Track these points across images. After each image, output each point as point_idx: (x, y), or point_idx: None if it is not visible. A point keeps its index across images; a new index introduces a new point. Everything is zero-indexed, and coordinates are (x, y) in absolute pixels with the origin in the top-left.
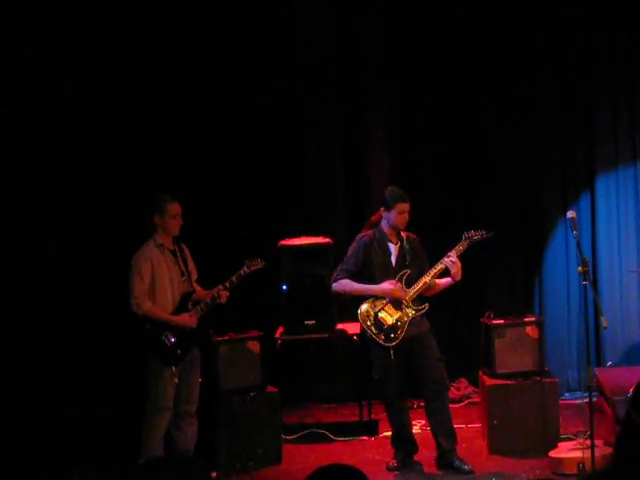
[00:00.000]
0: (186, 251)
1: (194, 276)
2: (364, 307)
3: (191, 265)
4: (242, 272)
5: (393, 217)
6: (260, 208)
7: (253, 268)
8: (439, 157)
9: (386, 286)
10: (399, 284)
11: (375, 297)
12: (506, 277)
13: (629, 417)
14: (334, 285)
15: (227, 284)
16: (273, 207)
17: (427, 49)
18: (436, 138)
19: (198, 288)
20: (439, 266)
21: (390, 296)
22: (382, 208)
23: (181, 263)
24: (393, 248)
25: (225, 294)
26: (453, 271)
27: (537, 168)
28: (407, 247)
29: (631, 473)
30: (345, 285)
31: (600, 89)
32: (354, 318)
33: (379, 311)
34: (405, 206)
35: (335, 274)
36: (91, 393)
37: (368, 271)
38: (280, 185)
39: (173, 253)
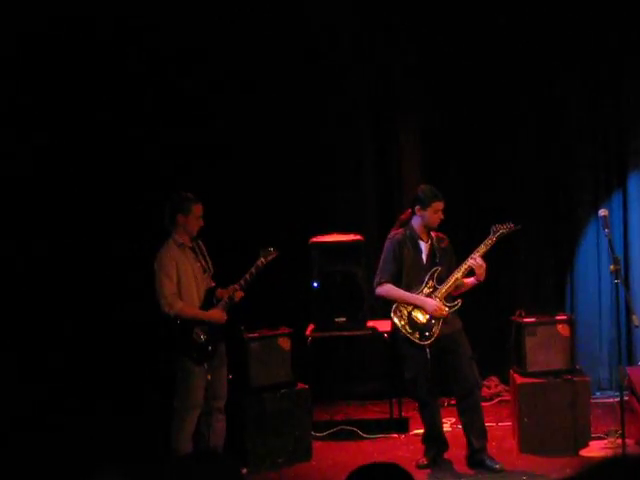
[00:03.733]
0: (203, 248)
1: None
2: (397, 306)
3: (209, 261)
4: (259, 263)
5: (428, 215)
6: (291, 205)
7: (270, 258)
8: (469, 155)
9: (431, 302)
10: (442, 307)
11: None
12: (537, 275)
13: None
14: (378, 289)
15: (242, 282)
16: (304, 204)
17: (457, 48)
18: (467, 137)
19: None
20: (467, 264)
21: (430, 313)
22: (417, 206)
23: (202, 259)
24: (424, 246)
25: (239, 294)
26: (478, 272)
27: (568, 166)
28: (437, 246)
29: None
30: (389, 290)
31: (632, 86)
32: (385, 316)
33: (412, 310)
34: (440, 205)
35: (378, 277)
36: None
37: (401, 269)
38: (311, 182)
39: (193, 250)
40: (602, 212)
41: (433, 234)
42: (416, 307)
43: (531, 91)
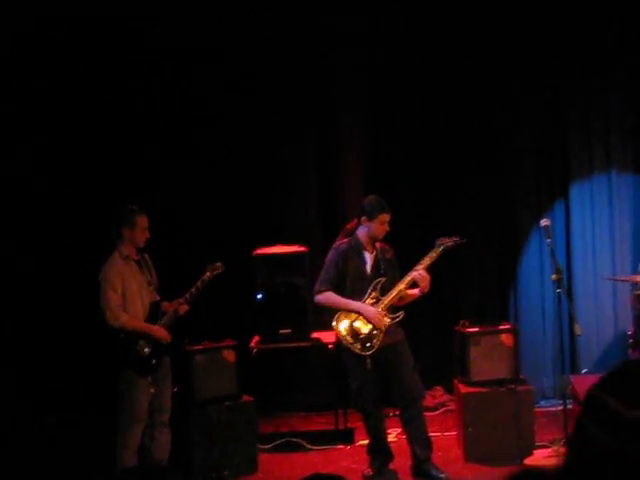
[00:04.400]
0: (149, 261)
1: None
2: (339, 316)
3: (154, 274)
4: (205, 277)
5: (374, 227)
6: (234, 217)
7: (216, 273)
8: (413, 167)
9: (371, 309)
10: (383, 313)
11: None
12: (481, 285)
13: (594, 402)
14: (318, 297)
15: (188, 296)
16: (247, 216)
17: (401, 60)
18: (411, 147)
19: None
20: (411, 275)
21: (370, 321)
22: (364, 217)
23: (147, 272)
24: (368, 257)
25: (184, 308)
26: (422, 284)
27: (511, 176)
28: (382, 257)
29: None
30: (329, 297)
31: (573, 98)
32: (330, 327)
33: (354, 320)
34: (387, 216)
35: (318, 285)
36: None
37: (345, 279)
38: (254, 194)
39: (138, 263)
40: (544, 222)
41: (378, 245)
42: (358, 318)
43: (474, 103)
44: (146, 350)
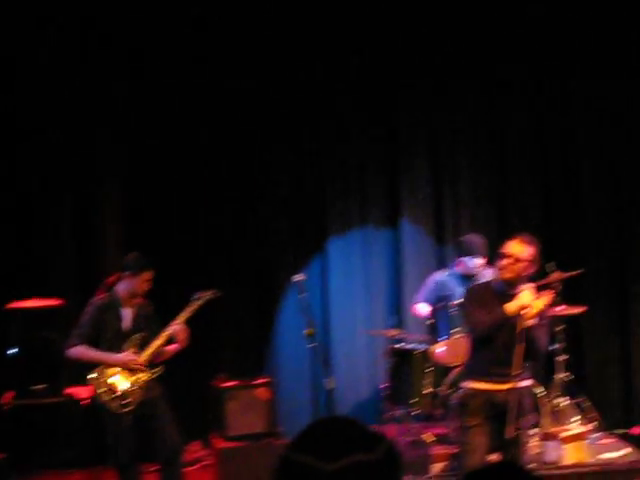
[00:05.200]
0: None
1: None
2: (95, 374)
3: None
4: None
5: (137, 283)
6: None
7: None
8: (172, 224)
9: (120, 357)
10: (133, 356)
11: None
12: (238, 339)
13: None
14: (70, 351)
15: None
16: (3, 268)
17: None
18: (170, 204)
19: None
20: (169, 331)
21: (123, 367)
22: (127, 272)
23: None
24: (127, 312)
25: None
26: (180, 338)
27: (268, 232)
28: (141, 312)
29: None
30: (81, 352)
31: (332, 153)
32: (86, 382)
33: (111, 377)
34: (150, 274)
35: (71, 339)
36: None
37: (102, 334)
38: (12, 245)
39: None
40: (297, 277)
41: (137, 301)
42: (115, 374)
43: (230, 164)
44: None
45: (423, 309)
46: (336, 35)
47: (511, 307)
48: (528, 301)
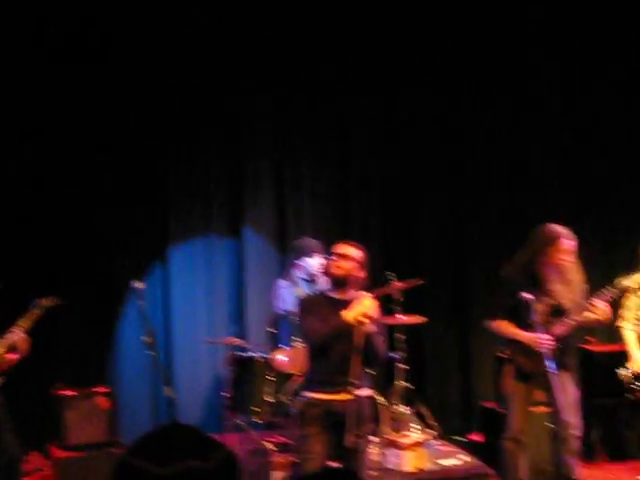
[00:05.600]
0: None
1: None
2: None
3: None
4: None
5: None
6: None
7: None
8: (11, 227)
9: None
10: None
11: None
12: (78, 347)
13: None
14: None
15: None
16: None
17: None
18: (6, 207)
19: None
20: (9, 339)
21: None
22: None
23: None
24: None
25: None
26: (21, 347)
27: (110, 237)
28: None
29: None
30: None
31: (176, 162)
32: None
33: None
34: None
35: None
36: None
37: None
38: None
39: None
40: (136, 284)
41: None
42: None
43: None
44: None
45: None
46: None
47: (348, 315)
48: (365, 308)
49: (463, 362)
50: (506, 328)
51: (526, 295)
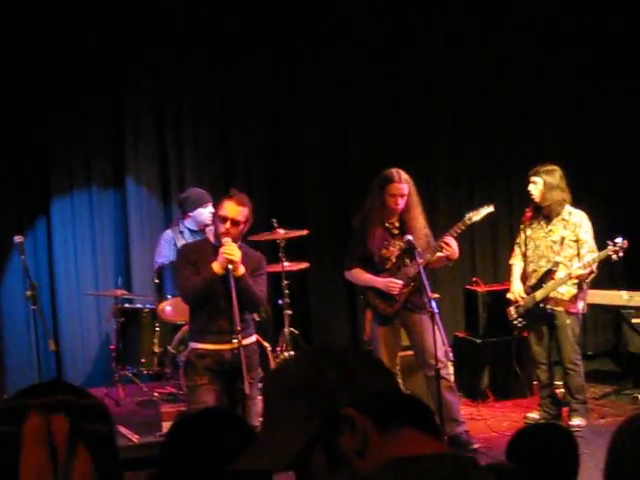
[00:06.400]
0: None
1: None
2: None
3: None
4: None
5: None
6: None
7: None
8: None
9: None
10: None
11: None
12: None
13: None
14: None
15: None
16: None
17: None
18: None
19: None
20: None
21: None
22: None
23: None
24: None
25: None
26: None
27: None
28: None
29: None
30: None
31: (56, 115)
32: None
33: None
34: None
35: None
36: None
37: None
38: None
39: None
40: (17, 239)
41: None
42: None
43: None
44: None
45: None
46: None
47: (216, 266)
48: (228, 255)
49: (349, 306)
50: (361, 275)
51: (406, 237)
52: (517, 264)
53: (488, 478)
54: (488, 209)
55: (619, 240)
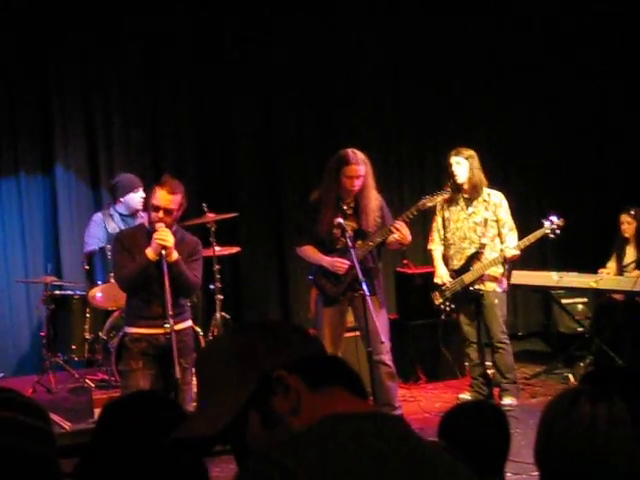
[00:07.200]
0: None
1: None
2: None
3: None
4: None
5: None
6: None
7: None
8: None
9: None
10: None
11: None
12: None
13: None
14: None
15: None
16: None
17: None
18: None
19: None
20: None
21: None
22: None
23: None
24: None
25: None
26: None
27: None
28: None
29: None
30: None
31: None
32: None
33: None
34: None
35: None
36: None
37: None
38: None
39: None
40: None
41: None
42: None
43: None
44: None
45: None
46: None
47: (149, 252)
48: (160, 240)
49: (281, 288)
50: (310, 252)
51: (336, 220)
52: (437, 248)
53: (414, 434)
54: (443, 195)
55: (554, 218)
